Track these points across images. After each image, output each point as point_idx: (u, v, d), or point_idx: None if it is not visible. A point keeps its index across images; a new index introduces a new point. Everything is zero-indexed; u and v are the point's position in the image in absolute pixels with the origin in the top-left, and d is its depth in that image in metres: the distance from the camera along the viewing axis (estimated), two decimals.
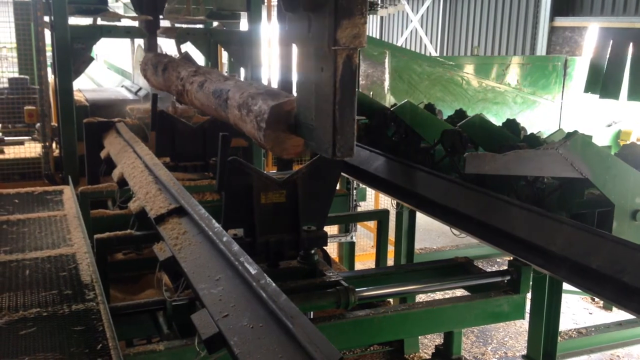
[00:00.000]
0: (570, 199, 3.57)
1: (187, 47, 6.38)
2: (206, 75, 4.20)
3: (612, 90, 5.42)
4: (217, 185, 3.40)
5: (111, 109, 6.40)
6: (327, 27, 2.25)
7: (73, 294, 2.45)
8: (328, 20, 2.24)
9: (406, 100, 4.99)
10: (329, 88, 2.32)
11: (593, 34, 13.23)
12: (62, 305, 2.34)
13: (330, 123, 2.33)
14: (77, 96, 6.26)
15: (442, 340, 3.89)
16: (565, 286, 3.96)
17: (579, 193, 3.56)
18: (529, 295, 3.89)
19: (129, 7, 6.94)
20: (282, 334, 1.90)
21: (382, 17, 21.73)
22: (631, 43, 5.27)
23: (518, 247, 3.44)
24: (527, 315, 3.99)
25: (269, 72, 7.87)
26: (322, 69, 2.36)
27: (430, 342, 6.32)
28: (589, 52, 9.59)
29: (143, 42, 6.38)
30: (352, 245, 6.81)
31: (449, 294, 4.98)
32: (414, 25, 20.46)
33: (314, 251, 3.49)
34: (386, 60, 8.75)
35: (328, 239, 3.58)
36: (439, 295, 5.69)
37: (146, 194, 3.41)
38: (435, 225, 9.00)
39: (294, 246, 3.45)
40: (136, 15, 6.05)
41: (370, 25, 22.55)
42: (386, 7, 17.58)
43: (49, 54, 5.86)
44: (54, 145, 5.92)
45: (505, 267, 3.85)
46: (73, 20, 5.74)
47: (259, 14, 6.31)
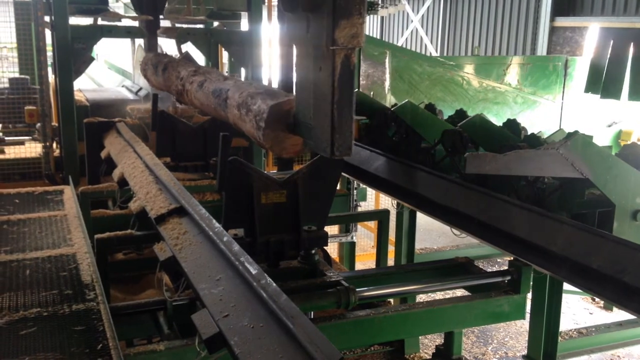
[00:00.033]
0: (570, 199, 3.57)
1: (188, 47, 6.37)
2: (206, 75, 4.20)
3: (613, 91, 5.42)
4: (218, 185, 3.40)
5: (112, 109, 6.39)
6: (325, 27, 2.25)
7: (73, 293, 2.44)
8: (326, 20, 2.25)
9: (407, 100, 4.99)
10: (327, 88, 2.32)
11: (593, 34, 13.22)
12: (63, 305, 2.34)
13: (329, 122, 2.34)
14: (78, 96, 6.26)
15: (443, 340, 3.89)
16: (565, 286, 3.97)
17: (580, 193, 3.56)
18: (529, 295, 3.89)
19: (130, 7, 6.94)
20: (282, 334, 1.90)
21: (382, 17, 21.72)
22: (632, 43, 5.27)
23: (518, 247, 3.44)
24: (527, 316, 3.99)
25: (269, 72, 7.87)
26: (321, 68, 2.36)
27: (430, 342, 6.32)
28: (590, 52, 9.58)
29: (143, 42, 6.38)
30: (352, 245, 6.81)
31: (450, 294, 4.98)
32: (414, 25, 20.46)
33: (315, 251, 3.49)
34: (387, 60, 8.75)
35: (328, 239, 3.59)
36: (440, 296, 5.69)
37: (147, 194, 3.41)
38: (436, 225, 9.00)
39: (295, 246, 3.45)
40: (136, 15, 6.06)
41: (371, 25, 22.55)
42: (387, 7, 17.56)
43: (49, 54, 5.86)
44: (54, 145, 5.93)
45: (505, 267, 3.85)
46: (73, 20, 5.73)
47: (260, 14, 6.31)
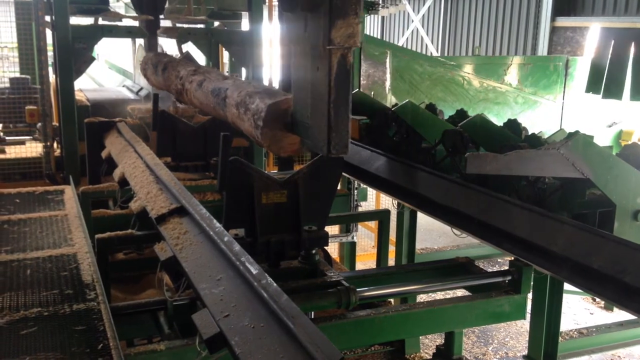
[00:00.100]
0: (571, 199, 3.56)
1: (189, 47, 6.38)
2: (205, 75, 4.20)
3: (614, 91, 5.42)
4: (218, 185, 3.40)
5: (112, 109, 6.40)
6: (322, 27, 2.27)
7: (74, 293, 2.44)
8: (323, 20, 2.26)
9: (407, 100, 4.99)
10: (324, 87, 2.34)
11: (594, 34, 13.22)
12: (63, 305, 2.34)
13: (325, 121, 2.36)
14: (79, 96, 6.26)
15: (443, 340, 3.89)
16: (566, 286, 3.96)
17: (581, 193, 3.56)
18: (530, 295, 3.89)
19: (130, 7, 6.94)
20: (283, 334, 1.90)
21: (383, 17, 21.72)
22: (633, 43, 5.27)
23: (519, 248, 3.44)
24: (528, 316, 3.99)
25: (270, 72, 7.87)
26: (318, 68, 2.37)
27: (431, 342, 6.32)
28: (591, 52, 9.59)
29: (144, 42, 6.38)
30: (353, 245, 6.81)
31: (450, 294, 4.98)
32: (415, 25, 20.46)
33: (315, 251, 3.49)
34: (387, 60, 8.75)
35: (329, 239, 3.58)
36: (440, 296, 5.69)
37: (147, 194, 3.41)
38: (436, 226, 9.00)
39: (295, 246, 3.45)
40: (137, 15, 6.06)
41: (372, 25, 22.56)
42: (387, 7, 17.53)
43: (50, 53, 5.86)
44: (55, 145, 5.93)
45: (506, 267, 3.85)
46: (74, 20, 5.74)
47: (260, 14, 6.31)
